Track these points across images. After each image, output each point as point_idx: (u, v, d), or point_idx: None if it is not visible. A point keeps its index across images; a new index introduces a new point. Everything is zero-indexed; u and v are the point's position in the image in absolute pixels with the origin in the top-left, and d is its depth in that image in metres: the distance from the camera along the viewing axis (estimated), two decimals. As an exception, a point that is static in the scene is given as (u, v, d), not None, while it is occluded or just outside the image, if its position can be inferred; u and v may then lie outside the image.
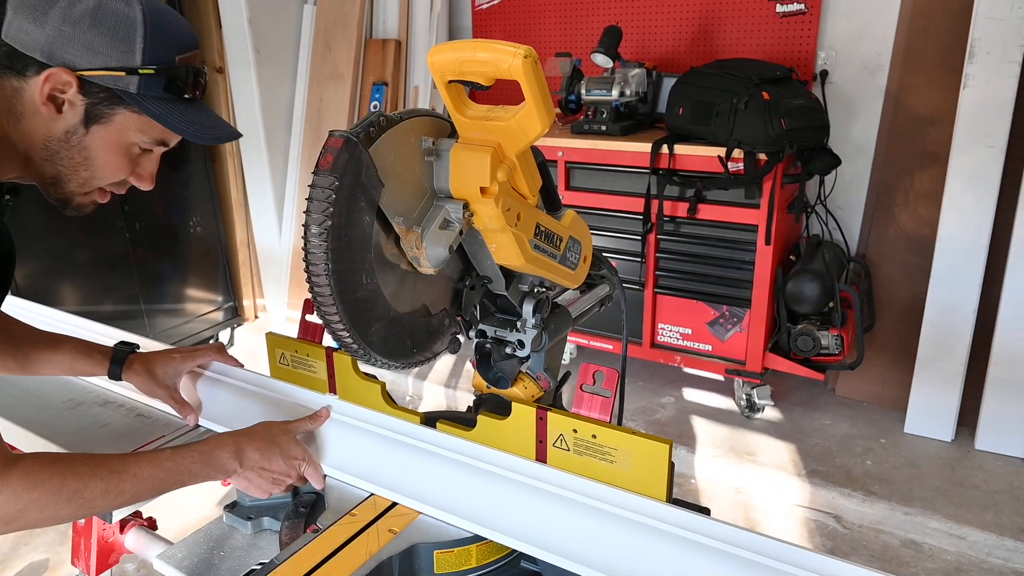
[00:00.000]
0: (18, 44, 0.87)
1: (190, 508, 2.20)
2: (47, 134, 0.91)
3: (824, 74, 3.00)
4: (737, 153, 2.58)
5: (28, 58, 0.87)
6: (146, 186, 1.01)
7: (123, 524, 1.25)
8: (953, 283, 2.63)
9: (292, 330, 1.43)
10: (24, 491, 0.85)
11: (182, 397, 1.30)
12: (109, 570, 1.32)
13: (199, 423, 1.31)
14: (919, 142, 2.86)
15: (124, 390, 1.41)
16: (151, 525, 1.29)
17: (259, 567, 1.00)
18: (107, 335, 1.57)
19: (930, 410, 2.77)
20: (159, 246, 3.45)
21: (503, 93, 1.21)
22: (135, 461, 0.96)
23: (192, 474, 1.00)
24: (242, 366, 1.34)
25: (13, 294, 1.27)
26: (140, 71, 0.90)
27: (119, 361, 1.27)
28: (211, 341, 3.79)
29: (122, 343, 1.31)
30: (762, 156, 2.55)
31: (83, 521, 1.28)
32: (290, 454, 1.09)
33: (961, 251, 2.60)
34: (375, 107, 3.69)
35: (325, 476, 1.15)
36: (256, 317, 4.05)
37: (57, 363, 1.27)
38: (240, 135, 1.06)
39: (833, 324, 2.74)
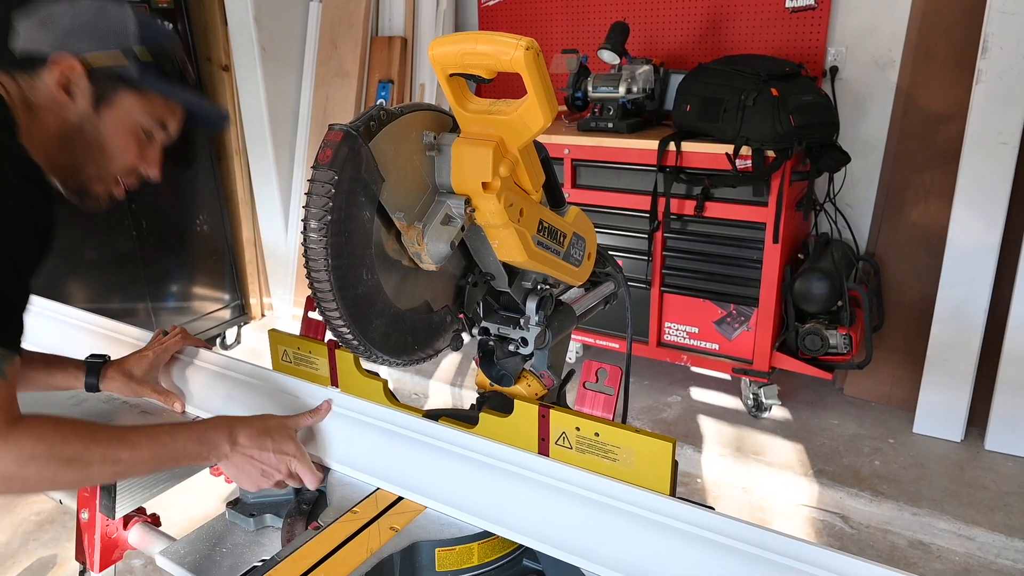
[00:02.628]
0: (29, 46, 1.01)
1: (192, 505, 2.20)
2: (63, 123, 1.02)
3: (834, 70, 2.98)
4: (745, 150, 2.56)
5: (38, 57, 1.00)
6: (154, 173, 1.12)
7: (126, 520, 1.25)
8: (964, 282, 2.60)
9: (298, 328, 1.43)
10: (29, 444, 0.85)
11: (164, 388, 1.32)
12: (113, 566, 1.32)
13: (186, 410, 1.33)
14: (930, 139, 2.83)
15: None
16: (154, 521, 1.29)
17: (261, 564, 0.99)
18: (119, 332, 1.56)
19: (939, 410, 2.74)
20: (166, 244, 3.46)
21: (507, 86, 1.20)
22: (133, 431, 0.98)
23: (186, 452, 1.01)
24: (209, 348, 1.38)
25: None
26: (135, 49, 1.03)
27: (94, 373, 1.28)
28: (217, 339, 3.81)
29: (92, 356, 1.32)
30: (770, 153, 2.53)
31: (87, 516, 1.27)
32: (282, 448, 1.07)
33: (972, 250, 2.57)
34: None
35: (325, 476, 1.13)
36: (263, 315, 4.06)
37: (30, 380, 1.26)
38: (226, 117, 1.22)
39: (841, 323, 2.71)
